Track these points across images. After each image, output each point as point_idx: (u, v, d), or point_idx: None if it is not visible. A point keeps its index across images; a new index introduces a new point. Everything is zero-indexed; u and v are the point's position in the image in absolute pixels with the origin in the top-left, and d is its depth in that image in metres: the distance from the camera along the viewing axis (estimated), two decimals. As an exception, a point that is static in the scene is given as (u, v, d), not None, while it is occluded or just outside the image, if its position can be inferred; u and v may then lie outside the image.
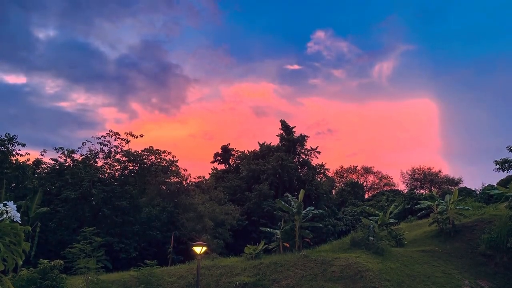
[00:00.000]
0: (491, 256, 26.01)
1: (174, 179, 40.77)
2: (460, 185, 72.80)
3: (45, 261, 20.92)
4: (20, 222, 3.71)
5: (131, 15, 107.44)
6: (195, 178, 46.06)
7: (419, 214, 37.56)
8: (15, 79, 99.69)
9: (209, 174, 63.32)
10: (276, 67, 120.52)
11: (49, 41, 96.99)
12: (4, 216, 3.68)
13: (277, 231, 30.11)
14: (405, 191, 69.81)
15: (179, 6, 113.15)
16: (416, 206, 36.73)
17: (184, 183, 41.79)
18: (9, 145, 32.00)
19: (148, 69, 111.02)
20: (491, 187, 44.94)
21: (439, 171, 79.85)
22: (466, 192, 52.17)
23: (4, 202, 3.69)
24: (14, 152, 32.46)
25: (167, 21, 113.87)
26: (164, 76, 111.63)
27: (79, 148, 37.36)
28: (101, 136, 37.74)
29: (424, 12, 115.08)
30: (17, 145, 32.28)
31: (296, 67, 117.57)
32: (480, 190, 52.45)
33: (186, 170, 41.91)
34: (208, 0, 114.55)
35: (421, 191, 73.88)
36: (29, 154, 34.00)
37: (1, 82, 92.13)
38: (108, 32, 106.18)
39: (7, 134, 32.03)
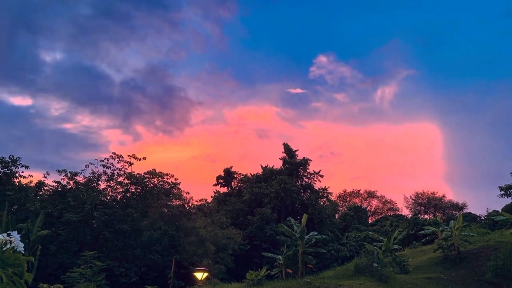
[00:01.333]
0: (497, 284, 25.49)
1: (176, 202, 40.55)
2: (465, 210, 72.14)
3: (45, 285, 20.67)
4: (23, 252, 3.71)
5: (137, 39, 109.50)
6: (197, 201, 45.82)
7: (423, 240, 37.09)
8: (21, 100, 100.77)
9: (211, 197, 63.00)
10: (279, 91, 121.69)
11: (56, 64, 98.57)
12: (8, 246, 3.68)
13: (279, 256, 29.69)
14: (409, 216, 69.11)
15: (184, 31, 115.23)
16: (420, 232, 36.27)
17: (186, 206, 41.55)
18: (13, 167, 32.12)
19: (153, 92, 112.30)
20: (496, 213, 44.46)
21: (443, 196, 79.35)
22: (471, 218, 51.64)
23: (8, 232, 3.70)
24: (17, 174, 32.53)
25: (172, 46, 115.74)
26: (168, 99, 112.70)
27: (82, 170, 37.42)
28: (105, 159, 37.84)
29: (425, 38, 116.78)
30: (21, 167, 32.40)
31: (299, 90, 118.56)
32: (485, 215, 51.92)
33: (188, 193, 41.73)
34: (213, 25, 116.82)
35: (425, 216, 73.14)
36: (32, 176, 34.07)
37: (7, 104, 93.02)
38: (114, 55, 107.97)
39: (11, 156, 32.17)
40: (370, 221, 77.01)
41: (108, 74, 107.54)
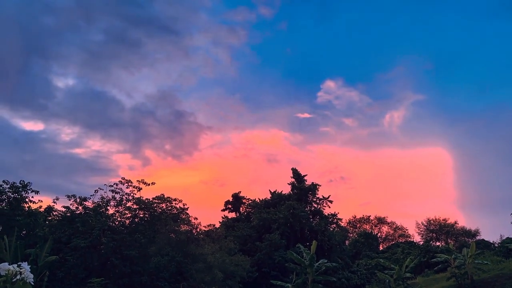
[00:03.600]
0: (514, 315, 24.69)
1: (184, 228, 40.34)
2: (478, 237, 70.72)
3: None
4: (33, 283, 3.75)
5: (148, 65, 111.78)
6: (205, 227, 45.49)
7: (436, 267, 36.31)
8: (32, 125, 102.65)
9: (220, 222, 62.64)
10: (288, 115, 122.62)
11: (68, 90, 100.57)
12: (18, 277, 3.73)
13: (288, 284, 29.18)
14: (421, 242, 67.94)
15: (195, 57, 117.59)
16: (432, 260, 35.54)
17: (194, 232, 41.28)
18: (23, 192, 32.35)
19: (163, 117, 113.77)
20: (510, 240, 43.50)
21: (455, 222, 78.05)
22: (484, 245, 50.57)
23: (19, 263, 3.76)
24: (27, 199, 32.73)
25: (183, 71, 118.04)
26: (178, 124, 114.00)
27: (91, 195, 37.52)
28: (114, 184, 38.00)
29: (434, 62, 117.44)
30: (31, 192, 32.61)
31: (307, 115, 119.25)
32: (499, 243, 50.82)
33: (197, 219, 41.51)
34: (224, 51, 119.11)
35: (437, 243, 71.86)
36: (41, 201, 34.22)
37: (19, 129, 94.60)
38: (125, 81, 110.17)
39: (21, 181, 32.46)
40: (381, 248, 75.80)
41: (119, 99, 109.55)
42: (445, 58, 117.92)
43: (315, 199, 60.85)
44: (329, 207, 60.55)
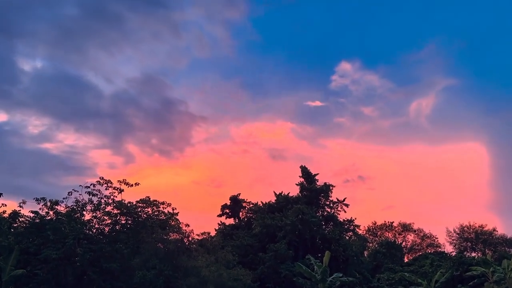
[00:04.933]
0: None
1: (173, 236, 40.51)
2: (521, 247, 70.86)
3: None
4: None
5: (131, 44, 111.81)
6: (198, 235, 45.60)
7: (471, 283, 36.49)
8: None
9: (215, 229, 62.80)
10: (295, 104, 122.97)
11: (36, 73, 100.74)
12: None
13: (297, 302, 29.39)
14: (453, 253, 68.18)
15: (186, 35, 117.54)
16: (467, 273, 35.77)
17: (186, 241, 41.45)
18: (-17, 195, 32.46)
19: (148, 106, 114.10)
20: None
21: (494, 230, 78.23)
22: (529, 256, 50.59)
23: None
24: (-12, 203, 32.87)
25: (172, 51, 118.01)
26: (166, 114, 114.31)
27: (64, 198, 37.54)
28: (91, 184, 38.06)
29: (471, 41, 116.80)
30: (-8, 194, 32.71)
31: (318, 103, 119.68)
32: (546, 253, 50.90)
33: (188, 226, 41.62)
34: (220, 28, 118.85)
35: (473, 254, 72.06)
36: (5, 205, 34.33)
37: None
38: (104, 63, 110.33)
39: (-18, 182, 32.63)
40: (406, 259, 76.02)
41: (97, 85, 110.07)
42: (482, 35, 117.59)
43: (328, 203, 60.96)
44: (345, 211, 60.72)
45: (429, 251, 77.73)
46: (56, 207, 36.92)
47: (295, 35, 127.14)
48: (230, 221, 64.27)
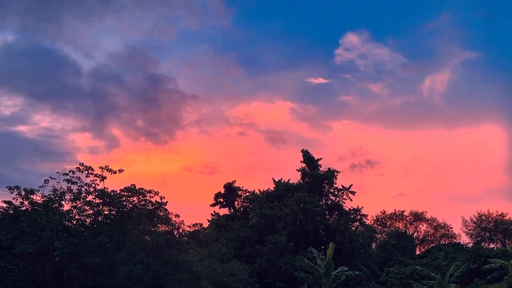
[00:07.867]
0: None
1: (162, 228, 40.64)
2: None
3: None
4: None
5: (112, 13, 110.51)
6: (189, 226, 45.78)
7: (489, 276, 36.78)
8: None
9: (208, 220, 63.10)
10: (296, 81, 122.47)
11: (6, 48, 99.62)
12: None
13: (298, 298, 29.64)
14: (470, 245, 68.70)
15: (174, 3, 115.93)
16: (485, 266, 36.05)
17: (176, 233, 41.61)
18: (-50, 183, 32.38)
19: (133, 83, 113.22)
20: None
21: (515, 218, 78.60)
22: (552, 247, 51.00)
23: None
24: (-45, 193, 32.81)
25: (158, 22, 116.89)
26: (153, 92, 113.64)
27: (40, 187, 37.48)
28: (70, 171, 38.00)
29: (492, 10, 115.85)
30: (-40, 183, 32.69)
31: (321, 80, 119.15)
32: None
33: (178, 216, 41.72)
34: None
35: (491, 245, 72.60)
36: (-25, 195, 34.26)
37: None
38: (83, 35, 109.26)
39: None
40: (417, 252, 76.56)
41: (75, 60, 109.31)
42: (504, 3, 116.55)
43: (332, 190, 61.21)
44: (351, 200, 61.04)
45: (443, 242, 78.25)
46: (31, 196, 36.87)
47: (295, 3, 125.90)
48: (224, 211, 64.64)
